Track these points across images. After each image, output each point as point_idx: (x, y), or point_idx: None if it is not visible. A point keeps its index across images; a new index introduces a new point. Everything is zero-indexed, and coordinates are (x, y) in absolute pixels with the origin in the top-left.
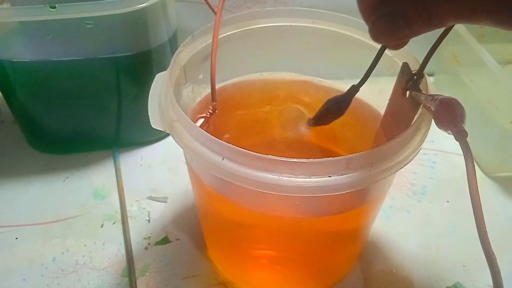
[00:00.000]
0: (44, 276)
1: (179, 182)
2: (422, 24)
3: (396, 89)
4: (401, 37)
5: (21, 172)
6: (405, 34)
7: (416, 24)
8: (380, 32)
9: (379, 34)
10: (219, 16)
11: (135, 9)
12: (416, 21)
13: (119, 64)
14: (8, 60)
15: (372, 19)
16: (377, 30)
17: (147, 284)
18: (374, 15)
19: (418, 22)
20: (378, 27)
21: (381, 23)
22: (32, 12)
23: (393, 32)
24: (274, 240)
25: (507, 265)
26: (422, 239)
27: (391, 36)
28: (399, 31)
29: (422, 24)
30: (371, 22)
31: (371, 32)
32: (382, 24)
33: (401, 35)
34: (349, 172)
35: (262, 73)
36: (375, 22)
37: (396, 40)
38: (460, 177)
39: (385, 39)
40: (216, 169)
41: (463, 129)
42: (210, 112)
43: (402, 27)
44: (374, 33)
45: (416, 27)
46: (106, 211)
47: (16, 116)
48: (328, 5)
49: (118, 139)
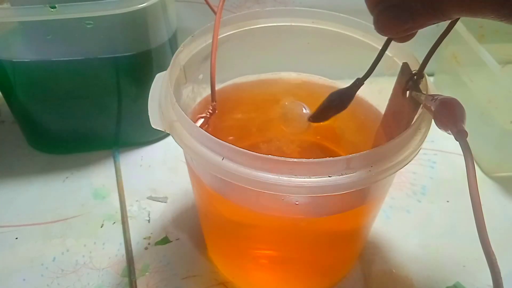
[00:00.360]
0: (44, 276)
1: (179, 182)
2: (427, 16)
3: (396, 89)
4: (405, 30)
5: (21, 172)
6: (409, 27)
7: (421, 17)
8: (385, 24)
9: (383, 26)
10: (219, 16)
11: (135, 9)
12: (420, 13)
13: (119, 64)
14: (8, 60)
15: (377, 11)
16: (382, 22)
17: (147, 284)
18: (379, 7)
19: (422, 14)
20: (383, 19)
21: (386, 15)
22: (32, 12)
23: (397, 24)
24: (274, 240)
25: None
26: (422, 239)
27: (396, 28)
28: (403, 23)
29: (427, 16)
30: (376, 14)
31: (376, 24)
32: (386, 16)
33: (406, 27)
34: (349, 172)
35: (262, 73)
36: (380, 14)
37: (400, 32)
38: (460, 177)
39: (389, 31)
40: (216, 169)
41: (463, 129)
42: (210, 112)
43: (407, 19)
44: (379, 25)
45: (421, 19)
46: (106, 211)
47: (16, 116)
48: (328, 5)
49: (118, 139)
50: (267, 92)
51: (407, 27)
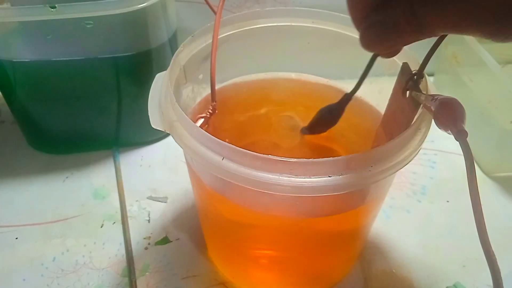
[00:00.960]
0: (44, 276)
1: (179, 182)
2: (412, 33)
3: (396, 89)
4: (391, 46)
5: (21, 172)
6: (395, 43)
7: (407, 33)
8: (371, 40)
9: (369, 42)
10: (219, 16)
11: (135, 9)
12: (406, 30)
13: (119, 64)
14: (8, 60)
15: (362, 27)
16: (368, 38)
17: (147, 284)
18: (365, 23)
19: (408, 31)
20: (369, 35)
21: (372, 31)
22: (32, 12)
23: (383, 41)
24: (274, 240)
25: (507, 265)
26: (422, 239)
27: (381, 44)
28: (389, 40)
29: (412, 33)
30: (361, 30)
31: (362, 40)
32: (372, 32)
33: (392, 44)
34: (349, 172)
35: (262, 73)
36: (366, 30)
37: (386, 48)
38: (460, 177)
39: (375, 47)
40: (216, 169)
41: (463, 129)
42: (210, 112)
43: (393, 36)
44: (365, 41)
45: (407, 36)
46: (106, 211)
47: (16, 116)
48: (328, 5)
49: (118, 139)
50: (267, 92)
51: (393, 43)
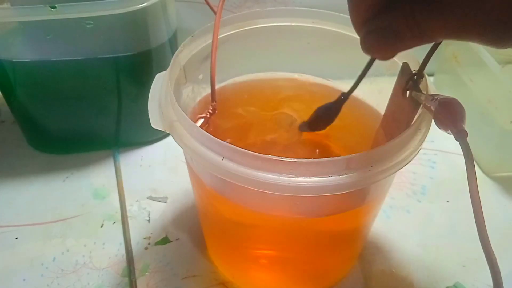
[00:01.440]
0: (44, 276)
1: (179, 182)
2: (413, 39)
3: (396, 89)
4: (392, 51)
5: (21, 172)
6: (396, 48)
7: (408, 39)
8: (372, 45)
9: (370, 47)
10: (219, 16)
11: (135, 9)
12: (407, 36)
13: (119, 64)
14: (8, 60)
15: (364, 32)
16: (369, 43)
17: (147, 284)
18: (366, 28)
19: (409, 37)
20: (370, 41)
21: (373, 36)
22: (32, 12)
23: (384, 46)
24: (274, 240)
25: (507, 265)
26: (422, 239)
27: (382, 49)
28: (390, 45)
29: (413, 39)
30: (362, 35)
31: (363, 44)
32: (373, 38)
33: (392, 49)
34: (349, 172)
35: (262, 73)
36: (367, 36)
37: (387, 53)
38: (460, 177)
39: (376, 52)
40: (216, 169)
41: (463, 129)
42: (210, 112)
43: (394, 41)
44: (366, 46)
45: (407, 41)
46: (106, 211)
47: (16, 116)
48: (328, 5)
49: (118, 139)
50: (267, 92)
51: (393, 48)
